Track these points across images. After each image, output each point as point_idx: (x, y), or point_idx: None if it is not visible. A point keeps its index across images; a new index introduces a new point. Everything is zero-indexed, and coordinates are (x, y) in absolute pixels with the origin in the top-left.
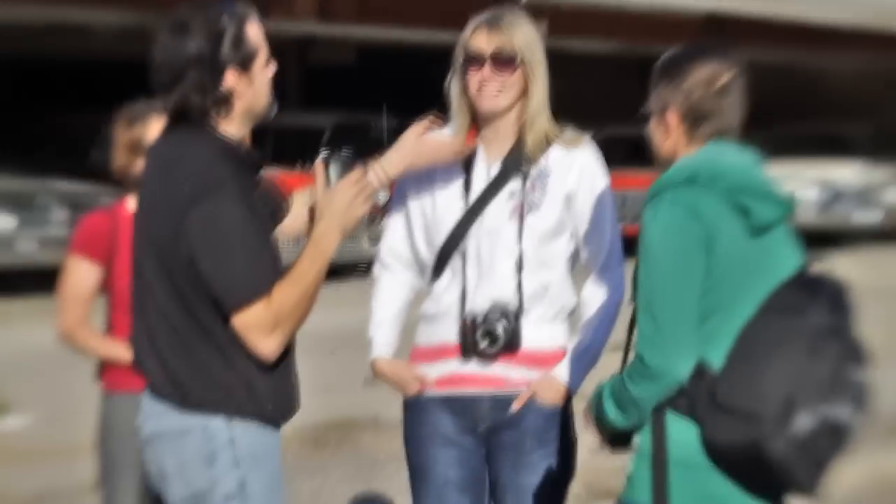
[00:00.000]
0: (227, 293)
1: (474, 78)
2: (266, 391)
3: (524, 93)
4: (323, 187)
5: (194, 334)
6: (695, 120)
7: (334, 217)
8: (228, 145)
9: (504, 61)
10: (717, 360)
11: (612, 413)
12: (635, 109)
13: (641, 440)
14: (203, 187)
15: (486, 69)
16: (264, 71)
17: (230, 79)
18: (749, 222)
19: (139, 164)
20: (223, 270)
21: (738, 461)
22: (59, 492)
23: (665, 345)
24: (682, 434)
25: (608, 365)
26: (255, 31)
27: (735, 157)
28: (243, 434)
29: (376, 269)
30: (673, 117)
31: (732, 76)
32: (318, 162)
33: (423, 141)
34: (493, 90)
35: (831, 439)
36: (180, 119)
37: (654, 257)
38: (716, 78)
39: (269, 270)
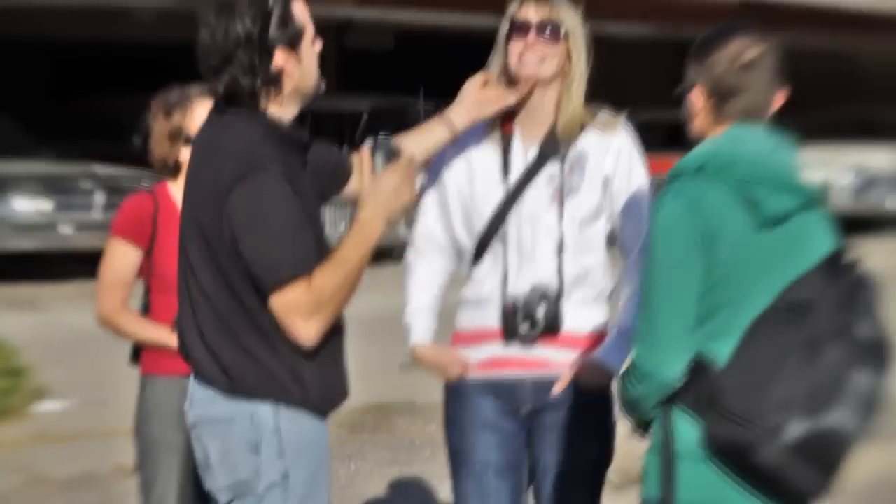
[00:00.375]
0: (266, 273)
1: (517, 47)
2: (312, 379)
3: (564, 73)
4: (369, 173)
5: (240, 320)
6: (720, 97)
7: (380, 204)
8: (274, 126)
9: (551, 30)
10: (723, 355)
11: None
12: (672, 93)
13: (653, 434)
14: (246, 167)
15: (532, 36)
16: (311, 49)
17: (279, 58)
18: (759, 214)
19: (180, 152)
20: (263, 250)
21: (735, 460)
22: (98, 475)
23: (655, 345)
24: (688, 428)
25: None
26: (300, 9)
27: (756, 142)
28: (289, 424)
29: (410, 254)
30: (699, 95)
31: (760, 52)
32: (365, 148)
33: (484, 93)
34: (536, 57)
35: (830, 445)
36: (229, 102)
37: (653, 253)
38: (741, 53)
39: (311, 252)
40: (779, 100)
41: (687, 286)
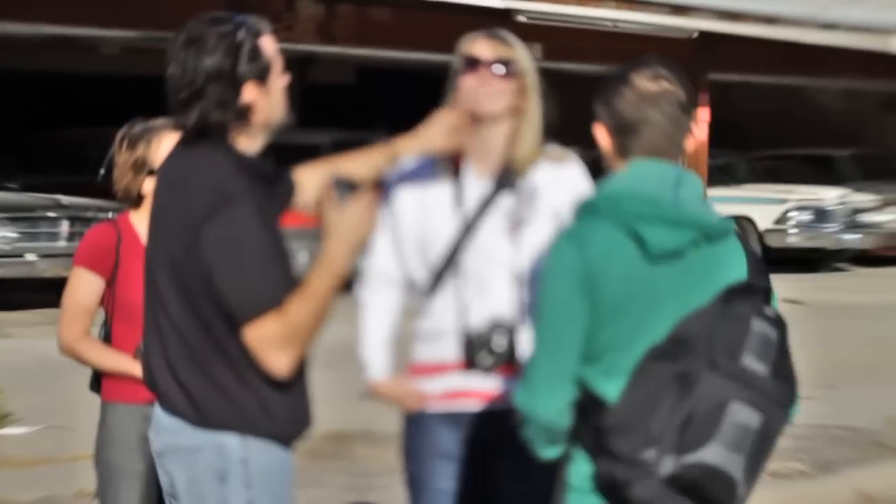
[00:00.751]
0: (240, 306)
1: (469, 82)
2: (280, 410)
3: (518, 110)
4: (333, 206)
5: (209, 351)
6: (621, 133)
7: (344, 237)
8: (244, 160)
9: (504, 67)
10: (613, 394)
11: None
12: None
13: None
14: (219, 202)
15: (486, 72)
16: (279, 82)
17: (249, 92)
18: (646, 250)
19: (143, 183)
20: (236, 285)
21: (614, 495)
22: (60, 500)
23: (530, 384)
24: (583, 465)
25: None
26: (269, 43)
27: (653, 179)
28: (256, 454)
29: (362, 287)
30: (601, 132)
31: (662, 87)
32: (329, 181)
33: (444, 127)
34: (487, 93)
35: (705, 481)
36: (198, 135)
37: (540, 293)
38: (642, 88)
39: (282, 285)
40: (691, 136)
41: (567, 327)
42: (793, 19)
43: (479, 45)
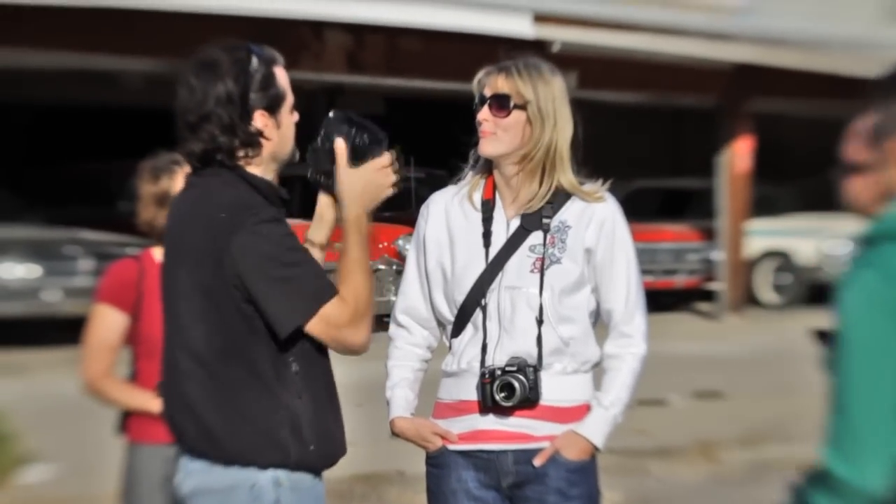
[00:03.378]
0: (296, 307)
1: (479, 119)
2: (310, 432)
3: (528, 143)
4: (344, 166)
5: (234, 379)
6: None
7: (359, 199)
8: (256, 181)
9: (498, 103)
10: None
11: None
12: (666, 161)
13: None
14: (241, 215)
15: (484, 111)
16: (289, 117)
17: (258, 120)
18: None
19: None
20: (288, 286)
21: None
22: None
23: (856, 452)
24: None
25: (633, 420)
26: (282, 76)
27: None
28: (290, 495)
29: (392, 329)
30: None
31: None
32: (339, 140)
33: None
34: (486, 132)
35: None
36: (205, 161)
37: (845, 339)
38: None
39: (325, 277)
40: None
41: (888, 370)
42: (836, 46)
43: (482, 82)
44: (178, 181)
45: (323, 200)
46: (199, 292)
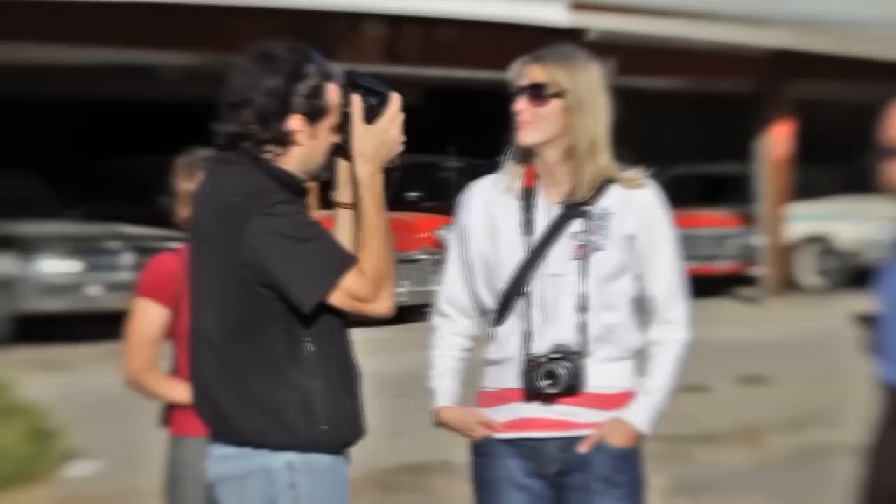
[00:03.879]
0: (316, 282)
1: (515, 110)
2: (323, 410)
3: (566, 131)
4: (359, 121)
5: (246, 360)
6: None
7: (371, 157)
8: (273, 173)
9: (535, 92)
10: None
11: None
12: (705, 147)
13: None
14: (255, 197)
15: (521, 100)
16: (329, 136)
17: (295, 122)
18: None
19: None
20: (306, 260)
21: None
22: None
23: None
24: None
25: (678, 407)
26: (333, 94)
27: None
28: (305, 478)
29: (434, 319)
30: None
31: None
32: (356, 97)
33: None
34: (524, 122)
35: None
36: (232, 146)
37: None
38: None
39: (343, 248)
40: None
41: None
42: (874, 29)
43: (518, 71)
44: None
45: (342, 165)
46: (214, 276)
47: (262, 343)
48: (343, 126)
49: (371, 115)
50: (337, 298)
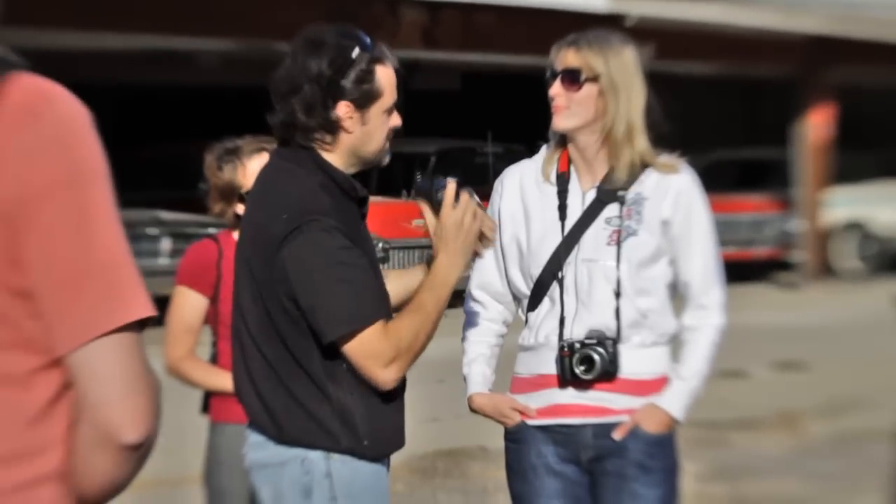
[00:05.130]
0: (332, 324)
1: (551, 95)
2: (363, 427)
3: (601, 116)
4: (432, 218)
5: (288, 366)
6: None
7: (455, 247)
8: (331, 176)
9: (570, 77)
10: None
11: None
12: (744, 132)
13: None
14: (298, 220)
15: (556, 85)
16: (384, 118)
17: (342, 109)
18: None
19: (236, 207)
20: (325, 302)
21: None
22: None
23: None
24: None
25: (711, 393)
26: (386, 76)
27: None
28: (341, 468)
29: (467, 304)
30: None
31: None
32: (450, 181)
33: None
34: (558, 107)
35: None
36: (286, 135)
37: None
38: None
39: (377, 298)
40: None
41: None
42: None
43: (554, 56)
44: (242, 172)
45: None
46: (253, 282)
47: (298, 357)
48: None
49: (437, 210)
50: (348, 345)
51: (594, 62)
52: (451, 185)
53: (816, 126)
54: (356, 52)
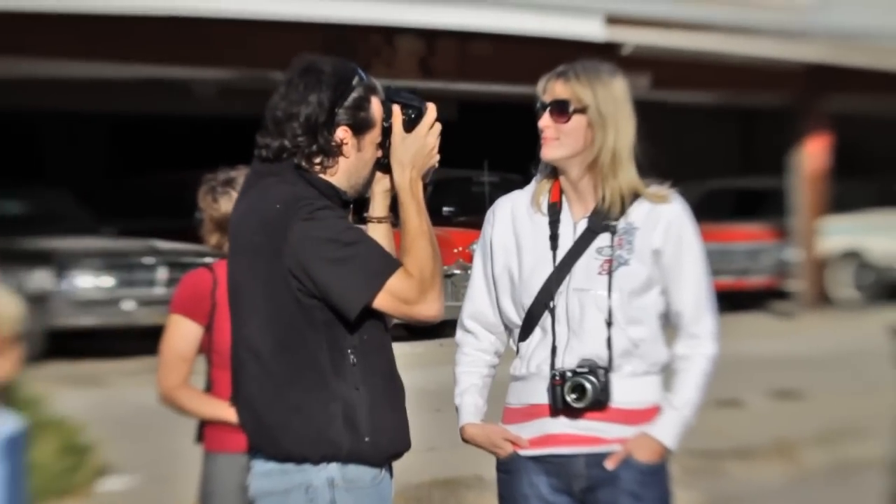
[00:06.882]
0: (363, 284)
1: (540, 126)
2: (365, 424)
3: (590, 147)
4: (398, 131)
5: (290, 371)
6: None
7: (409, 165)
8: (312, 183)
9: (557, 109)
10: None
11: None
12: (739, 161)
13: None
14: (296, 204)
15: (545, 117)
16: (373, 150)
17: (341, 133)
18: None
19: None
20: (351, 265)
21: None
22: None
23: None
24: None
25: (706, 422)
26: (377, 108)
27: None
28: (346, 497)
29: (459, 335)
30: None
31: None
32: (396, 107)
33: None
34: (547, 138)
35: None
36: (276, 156)
37: None
38: None
39: (385, 254)
40: None
41: None
42: None
43: (542, 87)
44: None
45: (375, 179)
46: (256, 286)
47: (305, 353)
48: (384, 140)
49: (409, 126)
50: (383, 301)
51: (582, 93)
52: (431, 109)
53: (813, 155)
54: (355, 80)
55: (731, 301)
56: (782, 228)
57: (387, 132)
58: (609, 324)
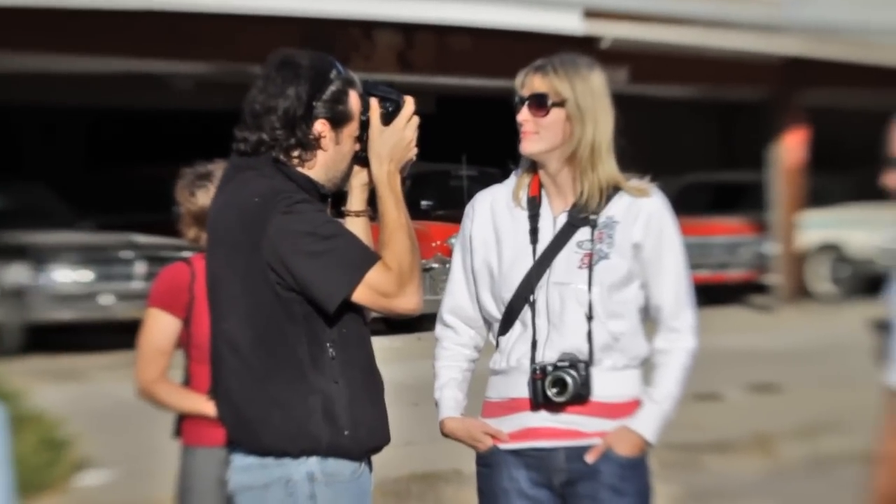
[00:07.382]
0: (342, 278)
1: (518, 120)
2: (344, 417)
3: (568, 141)
4: (376, 124)
5: (269, 365)
6: None
7: (387, 158)
8: (290, 176)
9: (536, 103)
10: None
11: None
12: (717, 155)
13: None
14: (274, 197)
15: (524, 111)
16: (351, 143)
17: (319, 126)
18: None
19: None
20: (330, 257)
21: None
22: None
23: None
24: None
25: (685, 416)
26: (355, 101)
27: None
28: (326, 489)
29: (438, 329)
30: None
31: None
32: (374, 100)
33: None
34: (526, 132)
35: None
36: (254, 150)
37: None
38: None
39: (363, 247)
40: None
41: None
42: (887, 36)
43: (520, 81)
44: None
45: (353, 173)
46: (235, 280)
47: (284, 347)
48: (361, 133)
49: (387, 120)
50: (362, 295)
51: (560, 87)
52: (409, 102)
53: (791, 149)
54: (332, 73)
55: (709, 295)
56: (760, 222)
57: (364, 125)
58: (589, 318)
